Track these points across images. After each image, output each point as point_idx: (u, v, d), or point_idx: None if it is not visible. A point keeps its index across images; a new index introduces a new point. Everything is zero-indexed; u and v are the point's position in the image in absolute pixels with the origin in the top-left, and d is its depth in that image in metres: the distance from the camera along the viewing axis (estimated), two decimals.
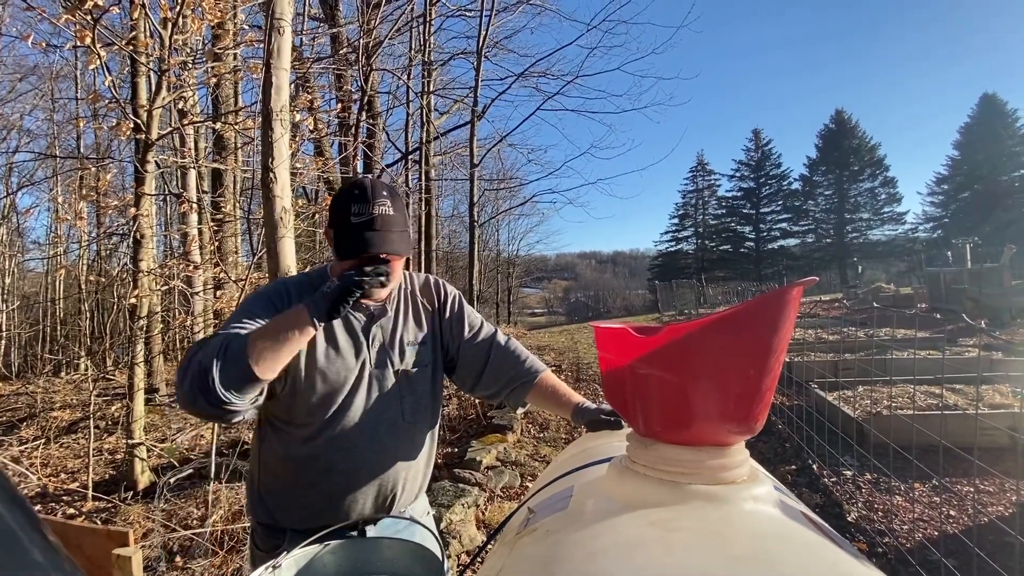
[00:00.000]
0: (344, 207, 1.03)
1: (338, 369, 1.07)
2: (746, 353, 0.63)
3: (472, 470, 3.82)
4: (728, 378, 0.63)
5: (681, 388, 0.65)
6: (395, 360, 1.14)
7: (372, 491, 1.10)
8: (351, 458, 1.08)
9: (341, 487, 1.08)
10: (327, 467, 1.07)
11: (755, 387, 0.63)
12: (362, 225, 1.01)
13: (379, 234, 1.02)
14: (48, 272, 12.64)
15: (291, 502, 1.09)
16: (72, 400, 7.07)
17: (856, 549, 0.62)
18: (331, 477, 1.07)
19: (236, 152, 6.49)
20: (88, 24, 3.17)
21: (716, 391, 0.64)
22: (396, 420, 1.12)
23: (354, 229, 1.01)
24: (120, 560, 1.34)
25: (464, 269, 8.21)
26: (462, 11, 7.77)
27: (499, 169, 12.34)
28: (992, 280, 10.26)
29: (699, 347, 0.64)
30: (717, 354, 0.63)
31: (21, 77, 12.06)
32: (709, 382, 0.64)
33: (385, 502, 1.13)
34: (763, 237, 43.71)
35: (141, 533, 3.06)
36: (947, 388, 4.38)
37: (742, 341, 0.62)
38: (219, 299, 5.28)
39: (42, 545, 0.21)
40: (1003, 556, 2.37)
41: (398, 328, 1.16)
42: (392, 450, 1.12)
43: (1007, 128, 34.11)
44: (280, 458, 1.09)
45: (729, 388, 0.63)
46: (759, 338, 0.62)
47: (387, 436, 1.11)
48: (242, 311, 1.03)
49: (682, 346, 0.65)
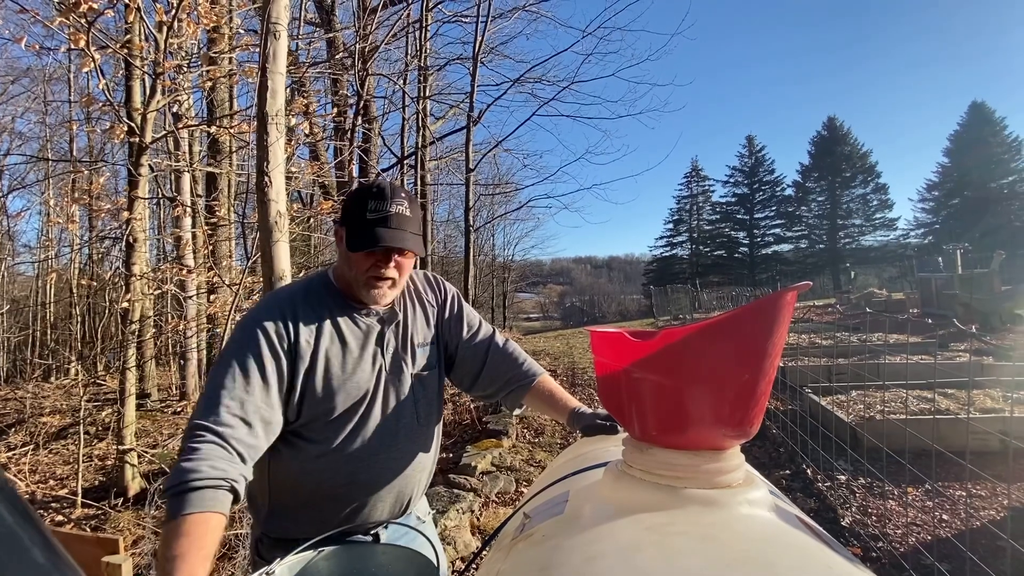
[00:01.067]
0: (360, 203, 1.02)
1: (356, 381, 1.04)
2: (741, 357, 0.63)
3: (467, 475, 3.80)
4: (723, 382, 0.63)
5: (676, 392, 0.65)
6: (408, 364, 1.12)
7: (392, 497, 1.09)
8: (372, 467, 1.06)
9: (363, 496, 1.06)
10: (349, 479, 1.04)
11: (750, 391, 0.64)
12: (377, 220, 1.00)
13: (394, 231, 1.00)
14: (39, 276, 12.51)
15: (309, 515, 1.05)
16: (62, 405, 6.99)
17: (850, 553, 0.62)
18: (353, 489, 1.05)
19: (231, 156, 6.47)
20: (82, 27, 3.16)
21: (711, 395, 0.64)
22: (412, 424, 1.11)
23: (369, 223, 1.00)
24: (110, 568, 1.33)
25: (459, 274, 8.21)
26: (458, 17, 7.82)
27: (495, 174, 12.40)
28: (982, 285, 10.37)
29: (694, 351, 0.64)
30: (712, 358, 0.63)
31: (14, 79, 12.00)
32: (704, 386, 0.64)
33: (402, 507, 1.12)
34: (757, 242, 44.00)
35: (131, 540, 3.02)
36: (939, 393, 4.41)
37: (737, 345, 0.63)
38: (212, 303, 5.24)
39: (44, 546, 0.21)
40: (995, 560, 2.38)
41: (408, 330, 1.14)
42: (410, 455, 1.10)
43: (996, 135, 34.57)
44: (296, 474, 1.04)
45: (724, 392, 0.64)
46: (754, 342, 0.63)
47: (405, 441, 1.10)
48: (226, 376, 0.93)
49: (677, 350, 0.65)
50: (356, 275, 1.05)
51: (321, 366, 1.01)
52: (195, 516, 0.78)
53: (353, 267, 1.05)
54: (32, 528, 0.21)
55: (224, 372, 0.94)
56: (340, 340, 1.05)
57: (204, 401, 0.91)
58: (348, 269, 1.06)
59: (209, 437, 0.86)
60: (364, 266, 1.03)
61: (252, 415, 0.92)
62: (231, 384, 0.92)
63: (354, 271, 1.05)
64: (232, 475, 0.84)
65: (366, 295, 1.06)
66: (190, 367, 7.42)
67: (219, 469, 0.83)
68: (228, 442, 0.87)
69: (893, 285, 22.09)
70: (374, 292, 1.05)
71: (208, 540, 0.78)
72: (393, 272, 1.05)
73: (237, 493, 0.85)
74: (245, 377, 0.93)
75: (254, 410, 0.92)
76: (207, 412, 0.89)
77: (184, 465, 0.82)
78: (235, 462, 0.87)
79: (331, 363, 1.03)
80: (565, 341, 12.43)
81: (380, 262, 1.03)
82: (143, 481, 4.22)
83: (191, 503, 0.79)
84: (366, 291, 1.05)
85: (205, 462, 0.82)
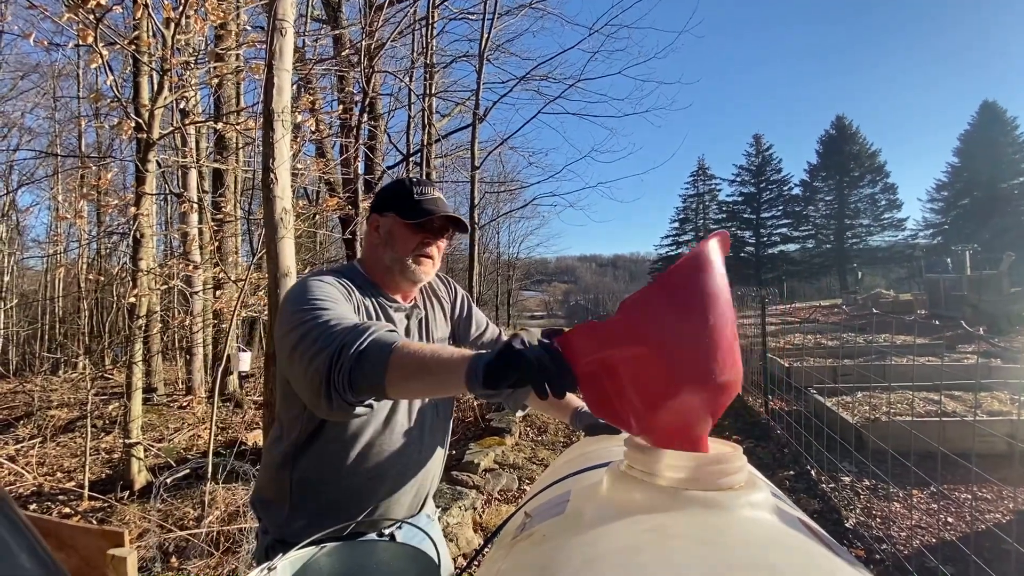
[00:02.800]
0: (404, 190, 1.08)
1: None
2: (691, 308, 0.66)
3: (470, 473, 3.81)
4: (684, 335, 0.66)
5: (648, 360, 0.66)
6: None
7: (412, 492, 1.10)
8: (399, 462, 1.06)
9: (387, 492, 1.06)
10: (378, 474, 1.04)
11: (716, 339, 0.66)
12: (427, 201, 1.06)
13: (445, 212, 1.07)
14: (47, 270, 12.64)
15: (331, 514, 1.02)
16: (70, 399, 7.06)
17: (854, 556, 0.62)
18: (380, 484, 1.05)
19: (237, 152, 6.50)
20: (91, 23, 3.17)
21: (679, 352, 0.66)
22: (433, 418, 1.13)
23: (420, 203, 1.06)
24: (115, 560, 1.34)
25: (464, 271, 8.22)
26: (465, 14, 7.79)
27: (500, 172, 12.35)
28: (991, 287, 10.28)
29: (648, 314, 0.67)
30: (666, 316, 0.66)
31: (23, 75, 12.09)
32: (669, 345, 0.66)
33: (420, 503, 1.13)
34: (763, 242, 43.79)
35: (137, 533, 3.05)
36: (946, 395, 4.37)
37: (683, 297, 0.67)
38: (218, 299, 5.28)
39: (29, 549, 0.21)
40: (1000, 564, 2.36)
41: (431, 325, 1.17)
42: (430, 450, 1.12)
43: (1007, 135, 34.24)
44: (322, 471, 1.03)
45: (688, 346, 0.66)
46: (698, 291, 0.67)
47: (428, 436, 1.11)
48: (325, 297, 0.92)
49: (632, 318, 0.67)
50: (402, 254, 1.07)
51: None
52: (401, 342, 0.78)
53: (399, 247, 1.08)
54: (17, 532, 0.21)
55: (313, 307, 0.89)
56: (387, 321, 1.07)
57: (316, 330, 0.84)
58: (391, 250, 1.08)
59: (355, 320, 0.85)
60: (413, 243, 1.07)
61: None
62: (329, 306, 0.89)
63: (400, 251, 1.07)
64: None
65: (411, 272, 1.08)
66: (196, 362, 7.47)
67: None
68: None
69: (901, 286, 21.97)
70: (419, 268, 1.08)
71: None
72: (435, 251, 1.10)
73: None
74: (333, 302, 0.92)
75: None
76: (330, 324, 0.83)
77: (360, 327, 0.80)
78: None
79: None
80: None
81: (429, 238, 1.08)
82: (149, 475, 4.25)
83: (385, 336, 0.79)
84: (413, 267, 1.08)
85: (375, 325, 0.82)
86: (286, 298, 0.98)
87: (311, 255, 7.84)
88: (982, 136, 34.67)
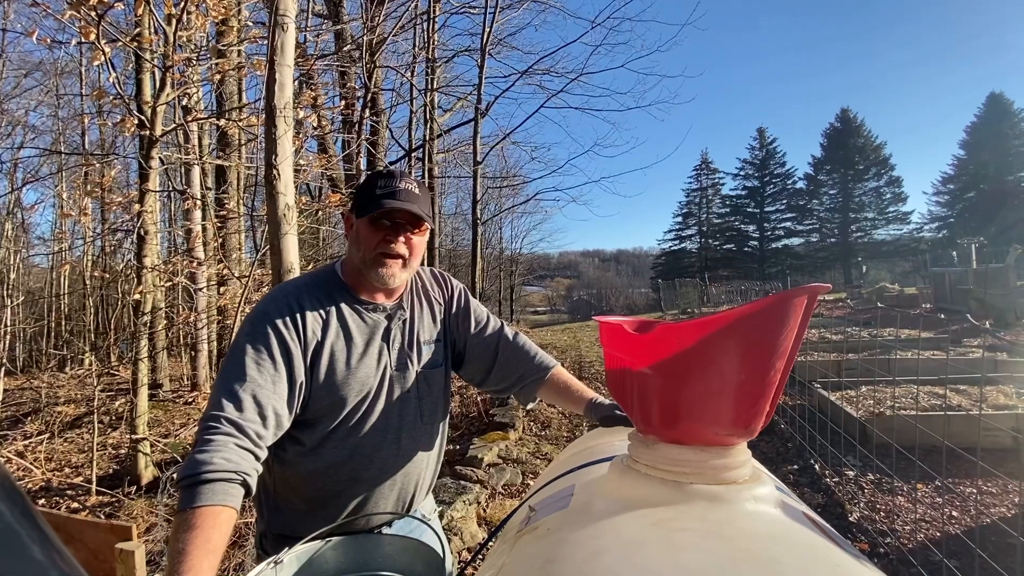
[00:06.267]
0: (371, 183, 1.04)
1: (361, 377, 1.03)
2: (747, 356, 0.61)
3: (474, 467, 3.83)
4: (726, 381, 0.62)
5: (677, 389, 0.64)
6: (414, 361, 1.11)
7: (394, 495, 1.09)
8: (374, 465, 1.06)
9: (364, 494, 1.06)
10: (352, 476, 1.05)
11: (756, 392, 0.62)
12: (385, 194, 1.01)
13: (402, 201, 1.01)
14: (53, 267, 12.70)
15: (314, 513, 1.05)
16: (76, 395, 7.12)
17: (858, 550, 0.62)
18: (355, 486, 1.05)
19: (240, 149, 6.50)
20: (93, 20, 3.17)
21: (713, 393, 0.63)
22: (415, 422, 1.11)
23: (377, 196, 1.01)
24: (123, 554, 1.35)
25: (467, 267, 8.21)
26: (466, 8, 7.75)
27: (502, 167, 12.31)
28: (997, 281, 10.20)
29: (698, 348, 0.63)
30: (715, 356, 0.62)
31: (26, 73, 12.13)
32: (706, 384, 0.63)
33: (404, 504, 1.12)
34: (767, 236, 43.55)
35: (144, 528, 3.08)
36: (951, 389, 4.36)
37: (743, 344, 0.61)
38: (223, 295, 5.29)
39: (41, 541, 0.21)
40: (1005, 558, 2.36)
41: (415, 327, 1.13)
42: (412, 452, 1.10)
43: (1013, 128, 33.88)
44: (299, 470, 1.04)
45: (727, 391, 0.62)
46: (762, 341, 0.61)
47: (408, 439, 1.09)
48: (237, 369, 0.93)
49: (681, 346, 0.64)
50: (365, 253, 1.03)
51: (326, 360, 1.01)
52: (205, 509, 0.79)
53: (362, 245, 1.03)
54: (31, 525, 0.21)
55: (235, 364, 0.94)
56: (345, 335, 1.04)
57: (216, 393, 0.91)
58: (357, 250, 1.04)
59: (223, 429, 0.86)
60: (373, 241, 1.02)
61: (264, 406, 0.91)
62: (242, 376, 0.92)
63: (363, 250, 1.03)
64: (244, 468, 0.85)
65: (376, 275, 1.03)
66: (201, 358, 7.52)
67: (231, 461, 0.83)
68: (241, 434, 0.87)
69: (906, 280, 21.83)
70: (383, 271, 1.03)
71: (216, 534, 0.78)
72: (403, 248, 1.03)
73: (249, 486, 0.85)
74: (256, 368, 0.93)
75: (266, 401, 0.92)
76: (220, 404, 0.89)
77: (197, 457, 0.83)
78: (247, 454, 0.87)
79: (336, 357, 1.02)
80: (572, 335, 12.42)
81: (390, 235, 1.02)
82: (155, 470, 4.29)
83: (202, 496, 0.79)
84: (375, 270, 1.03)
85: (218, 454, 0.83)
86: (241, 324, 1.01)
87: (314, 251, 7.86)
88: (989, 128, 34.31)
